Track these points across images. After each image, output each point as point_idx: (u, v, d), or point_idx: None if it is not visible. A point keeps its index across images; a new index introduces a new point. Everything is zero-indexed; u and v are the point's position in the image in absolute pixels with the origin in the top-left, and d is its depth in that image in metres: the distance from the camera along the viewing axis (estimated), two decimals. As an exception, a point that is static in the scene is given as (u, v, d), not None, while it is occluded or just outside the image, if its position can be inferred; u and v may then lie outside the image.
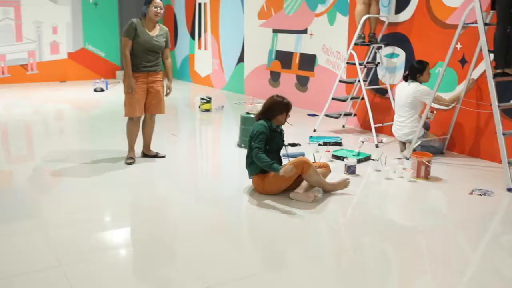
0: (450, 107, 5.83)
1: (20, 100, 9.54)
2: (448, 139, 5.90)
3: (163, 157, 5.52)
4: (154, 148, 5.57)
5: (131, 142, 5.34)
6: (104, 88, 10.69)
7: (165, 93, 5.36)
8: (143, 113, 5.29)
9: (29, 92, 10.42)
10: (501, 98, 4.93)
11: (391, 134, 6.44)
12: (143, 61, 5.11)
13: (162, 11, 5.13)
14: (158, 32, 5.19)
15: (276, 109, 4.40)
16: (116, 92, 10.40)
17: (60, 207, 4.13)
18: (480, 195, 4.51)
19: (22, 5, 11.56)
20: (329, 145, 6.11)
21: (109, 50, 12.69)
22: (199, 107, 8.53)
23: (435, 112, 5.81)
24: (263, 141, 4.28)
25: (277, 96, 4.48)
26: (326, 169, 4.63)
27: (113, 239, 3.63)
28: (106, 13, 12.49)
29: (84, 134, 7.06)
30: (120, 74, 12.63)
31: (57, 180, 4.84)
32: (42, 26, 11.86)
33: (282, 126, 4.57)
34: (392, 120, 6.15)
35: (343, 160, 5.30)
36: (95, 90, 10.53)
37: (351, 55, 6.63)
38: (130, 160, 5.28)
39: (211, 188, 4.78)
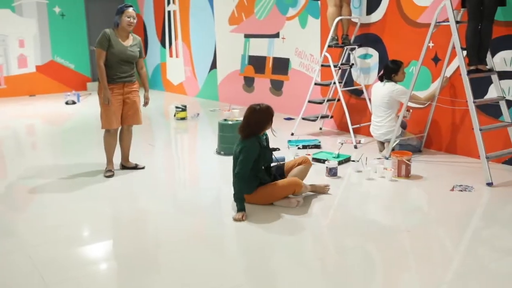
0: (425, 105, 5.90)
1: (-11, 116, 9.29)
2: (425, 137, 5.96)
3: (143, 168, 5.43)
4: (132, 159, 5.47)
5: (109, 154, 5.24)
6: (76, 100, 10.50)
7: (143, 104, 5.29)
8: (120, 125, 5.20)
9: (-3, 108, 10.17)
10: (475, 94, 4.99)
11: (368, 135, 6.48)
12: (117, 72, 5.02)
13: (135, 21, 5.06)
14: (131, 42, 5.12)
15: (263, 120, 4.20)
16: (88, 104, 10.24)
17: (38, 225, 4.02)
18: (461, 191, 4.56)
19: (-14, 19, 11.31)
20: (309, 148, 6.10)
21: (78, 61, 12.47)
22: (174, 115, 8.45)
23: (411, 110, 5.86)
24: (250, 164, 4.10)
25: (256, 105, 4.23)
26: (307, 164, 4.57)
27: (96, 254, 3.54)
28: (73, 24, 12.27)
29: (59, 149, 6.90)
30: (91, 85, 12.45)
31: (33, 197, 4.71)
32: (7, 40, 11.59)
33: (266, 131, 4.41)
34: (369, 121, 6.19)
35: (323, 162, 5.30)
36: (66, 103, 10.33)
37: (325, 58, 6.65)
38: (109, 173, 5.18)
39: (192, 197, 4.70)
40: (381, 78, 5.79)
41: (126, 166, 5.41)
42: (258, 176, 4.22)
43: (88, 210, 4.31)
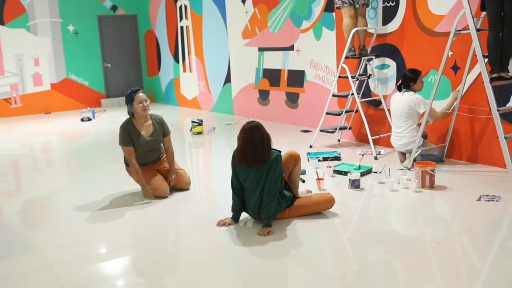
0: (439, 120, 5.75)
1: (6, 135, 9.32)
2: (447, 146, 5.87)
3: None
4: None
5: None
6: (91, 117, 10.55)
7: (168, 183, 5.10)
8: (168, 189, 5.01)
9: (14, 126, 10.22)
10: (497, 102, 4.88)
11: (387, 145, 6.41)
12: (146, 160, 5.02)
13: (147, 103, 4.91)
14: (152, 129, 4.99)
15: (264, 131, 3.99)
16: (104, 121, 10.29)
17: (58, 242, 3.98)
18: (488, 201, 4.46)
19: (1, 38, 11.42)
20: (329, 160, 6.03)
21: (92, 78, 12.56)
22: (191, 130, 8.43)
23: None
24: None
25: (249, 125, 3.97)
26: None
27: (119, 270, 3.48)
28: (87, 42, 12.38)
29: (77, 165, 6.90)
30: (105, 102, 12.56)
31: (50, 214, 4.70)
32: (23, 59, 11.71)
33: None
34: (388, 131, 6.11)
35: (345, 175, 5.23)
36: (82, 120, 10.37)
37: (342, 69, 6.61)
38: None
39: (211, 212, 4.63)
40: (399, 88, 5.73)
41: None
42: (285, 193, 4.14)
43: (106, 227, 4.28)
